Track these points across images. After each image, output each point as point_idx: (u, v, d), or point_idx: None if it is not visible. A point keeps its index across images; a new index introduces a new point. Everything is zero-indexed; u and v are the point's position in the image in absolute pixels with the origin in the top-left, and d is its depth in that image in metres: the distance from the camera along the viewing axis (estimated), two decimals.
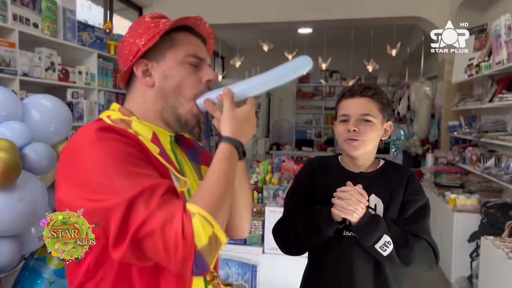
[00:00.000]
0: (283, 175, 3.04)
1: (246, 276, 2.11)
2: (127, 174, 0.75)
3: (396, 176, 1.27)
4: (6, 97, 1.69)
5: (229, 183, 0.81)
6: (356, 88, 1.26)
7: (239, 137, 0.87)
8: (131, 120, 0.91)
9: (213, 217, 0.73)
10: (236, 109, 0.89)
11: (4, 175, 1.45)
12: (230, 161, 0.83)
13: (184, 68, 0.93)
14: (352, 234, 1.24)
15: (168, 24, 0.93)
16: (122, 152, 0.79)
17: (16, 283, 1.76)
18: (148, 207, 0.72)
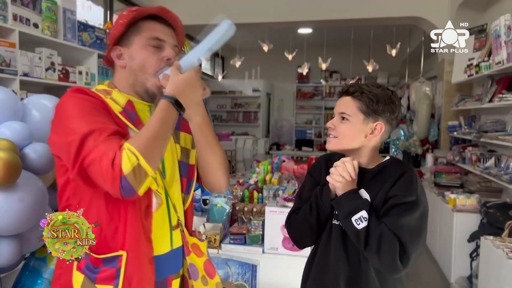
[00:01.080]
0: (283, 175, 3.04)
1: (246, 276, 2.11)
2: (86, 119, 1.00)
3: (391, 172, 1.26)
4: (6, 97, 1.69)
5: (161, 129, 1.01)
6: (344, 87, 1.32)
7: (177, 95, 1.05)
8: (112, 91, 1.16)
9: (140, 152, 0.94)
10: (178, 74, 1.07)
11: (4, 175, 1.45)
12: (165, 112, 1.03)
13: (147, 50, 1.14)
14: (339, 223, 1.28)
15: (135, 14, 1.13)
16: (86, 105, 1.03)
17: (16, 283, 1.76)
18: (95, 142, 0.95)
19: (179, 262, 1.19)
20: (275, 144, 8.81)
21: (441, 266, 3.97)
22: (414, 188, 1.23)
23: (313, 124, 9.64)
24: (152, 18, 1.16)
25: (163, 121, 1.01)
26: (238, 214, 2.41)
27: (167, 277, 1.16)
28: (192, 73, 1.08)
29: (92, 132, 0.96)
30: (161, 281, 1.13)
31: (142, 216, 1.07)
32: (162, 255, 1.14)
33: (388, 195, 1.23)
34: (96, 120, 1.00)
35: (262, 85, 8.99)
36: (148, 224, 1.09)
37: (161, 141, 1.01)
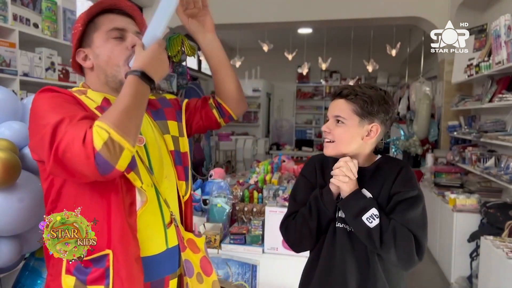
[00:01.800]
0: (283, 175, 3.04)
1: (246, 276, 2.11)
2: (55, 111, 0.96)
3: (389, 170, 1.28)
4: (6, 97, 1.69)
5: (132, 102, 0.96)
6: (337, 90, 1.30)
7: (144, 68, 1.01)
8: (87, 90, 1.14)
9: (110, 126, 0.91)
10: (142, 50, 1.04)
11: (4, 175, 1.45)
12: (133, 86, 0.98)
13: (109, 43, 1.12)
14: (344, 226, 1.26)
15: (90, 11, 1.12)
16: (55, 100, 1.01)
17: (16, 283, 1.76)
18: (66, 128, 0.92)
19: (175, 261, 1.17)
20: (275, 144, 8.81)
21: (441, 266, 3.97)
22: (414, 182, 1.26)
23: (313, 124, 9.64)
24: (107, 12, 1.14)
25: (132, 95, 0.97)
26: (238, 214, 2.41)
27: (164, 277, 1.14)
28: (156, 45, 1.05)
29: (62, 120, 0.94)
30: (157, 281, 1.12)
31: (126, 214, 1.05)
32: (157, 254, 1.12)
33: (391, 192, 1.24)
34: (65, 109, 0.98)
35: (262, 85, 8.99)
36: (132, 222, 1.06)
37: (133, 113, 0.96)
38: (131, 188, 1.07)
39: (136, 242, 1.07)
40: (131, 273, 1.04)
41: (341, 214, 1.28)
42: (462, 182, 4.25)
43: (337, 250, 1.27)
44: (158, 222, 1.13)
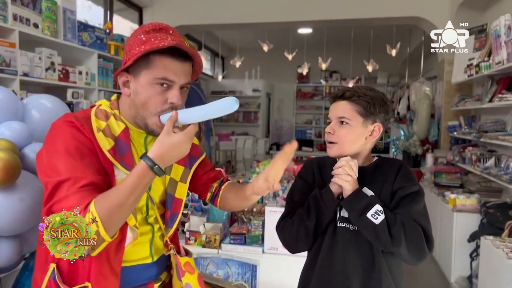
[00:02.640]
0: (283, 175, 3.04)
1: (246, 276, 2.11)
2: (67, 162, 0.99)
3: (388, 169, 1.30)
4: (6, 97, 1.69)
5: (131, 197, 0.97)
6: (338, 91, 1.31)
7: (159, 159, 0.99)
8: (112, 115, 1.13)
9: (101, 221, 0.93)
10: (170, 135, 1.01)
11: (4, 175, 1.45)
12: (141, 177, 0.98)
13: (153, 88, 1.07)
14: (346, 225, 1.27)
15: (146, 48, 1.05)
16: (72, 145, 1.02)
17: (16, 283, 1.76)
18: (67, 192, 0.96)
19: (160, 268, 1.24)
20: (275, 144, 8.80)
21: (441, 266, 3.97)
22: (414, 178, 1.29)
23: (313, 124, 9.64)
24: (166, 51, 1.06)
25: (135, 187, 0.97)
26: (238, 214, 2.41)
27: (147, 282, 1.20)
28: (183, 137, 1.01)
29: (67, 179, 0.97)
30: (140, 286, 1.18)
31: (112, 252, 1.07)
32: (140, 264, 1.18)
33: (394, 188, 1.26)
34: (76, 166, 0.99)
35: (262, 85, 8.99)
36: (117, 259, 1.09)
37: (126, 209, 0.98)
38: (124, 227, 1.08)
39: (116, 277, 1.09)
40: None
41: (343, 213, 1.29)
42: (462, 182, 4.25)
43: (339, 250, 1.27)
44: (146, 252, 1.18)
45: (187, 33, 6.21)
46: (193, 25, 5.76)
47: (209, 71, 9.37)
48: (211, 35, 7.85)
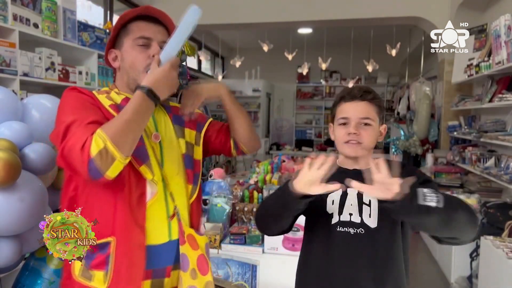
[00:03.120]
0: (283, 175, 3.04)
1: (246, 276, 2.11)
2: (72, 111, 1.10)
3: (389, 170, 1.23)
4: (6, 97, 1.69)
5: (134, 117, 1.04)
6: (356, 92, 1.29)
7: (152, 85, 1.08)
8: (111, 91, 1.26)
9: (108, 136, 0.99)
10: (156, 68, 1.11)
11: (4, 175, 1.45)
12: (138, 101, 1.06)
13: (135, 49, 1.21)
14: (346, 230, 1.24)
15: (121, 18, 1.22)
16: (75, 100, 1.14)
17: (16, 283, 1.76)
18: (75, 130, 1.04)
19: (177, 253, 1.23)
20: (275, 144, 8.80)
21: (441, 266, 3.97)
22: (420, 172, 1.31)
23: (313, 124, 9.64)
24: (140, 18, 1.22)
25: (136, 109, 1.05)
26: (238, 214, 2.41)
27: (165, 267, 1.21)
28: (168, 65, 1.11)
29: (74, 121, 1.05)
30: (159, 270, 1.19)
31: (134, 204, 1.13)
32: (160, 245, 1.19)
33: None
34: (80, 111, 1.09)
35: (262, 85, 8.99)
36: (141, 213, 1.15)
37: (133, 127, 1.04)
38: (142, 180, 1.15)
39: (142, 231, 1.14)
40: (132, 260, 1.13)
41: (343, 217, 1.25)
42: (462, 182, 4.25)
43: (340, 256, 1.23)
44: (163, 213, 1.20)
45: None
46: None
47: (209, 71, 9.37)
48: (211, 35, 7.84)
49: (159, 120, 1.28)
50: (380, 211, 1.24)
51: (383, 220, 1.24)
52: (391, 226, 1.24)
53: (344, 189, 1.19)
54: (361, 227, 1.24)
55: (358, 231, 1.24)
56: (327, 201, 1.29)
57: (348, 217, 1.26)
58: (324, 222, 1.28)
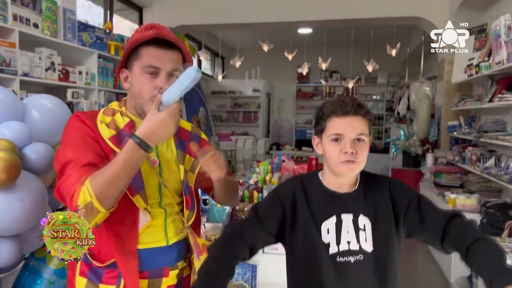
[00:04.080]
0: (283, 175, 3.04)
1: (246, 276, 2.11)
2: (71, 148, 1.15)
3: (377, 189, 1.25)
4: (6, 97, 1.69)
5: (122, 170, 1.07)
6: (350, 106, 1.18)
7: (145, 136, 1.09)
8: (118, 111, 1.26)
9: (94, 192, 1.04)
10: (155, 114, 1.10)
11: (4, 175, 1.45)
12: (130, 153, 1.08)
13: (143, 77, 1.20)
14: (346, 259, 1.19)
15: (132, 41, 1.21)
16: (76, 133, 1.18)
17: (16, 283, 1.76)
18: (71, 171, 1.10)
19: (174, 255, 1.27)
20: (275, 144, 8.80)
21: (441, 266, 3.97)
22: (407, 186, 1.29)
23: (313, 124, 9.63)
24: (152, 41, 1.20)
25: (126, 162, 1.07)
26: (238, 214, 2.41)
27: (163, 267, 1.25)
28: (165, 113, 1.10)
29: (70, 161, 1.12)
30: (156, 271, 1.24)
31: (124, 233, 1.19)
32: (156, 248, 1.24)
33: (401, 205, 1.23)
34: (79, 148, 1.15)
35: (262, 85, 8.99)
36: (131, 240, 1.19)
37: (119, 181, 1.07)
38: (135, 209, 1.19)
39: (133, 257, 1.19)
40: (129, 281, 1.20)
41: (342, 247, 1.19)
42: (462, 182, 4.25)
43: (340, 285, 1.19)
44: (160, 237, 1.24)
45: (187, 33, 6.21)
46: (193, 25, 5.76)
47: (209, 71, 9.37)
48: (211, 35, 7.85)
49: (161, 144, 1.27)
50: (373, 234, 1.20)
51: (378, 242, 1.20)
52: (386, 245, 1.21)
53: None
54: (360, 254, 1.19)
55: (357, 258, 1.19)
56: (322, 230, 1.20)
57: (346, 245, 1.19)
58: (320, 254, 1.19)
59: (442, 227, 1.19)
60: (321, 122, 1.23)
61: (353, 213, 1.22)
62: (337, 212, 1.21)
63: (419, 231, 1.24)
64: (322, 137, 1.24)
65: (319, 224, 1.21)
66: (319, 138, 1.26)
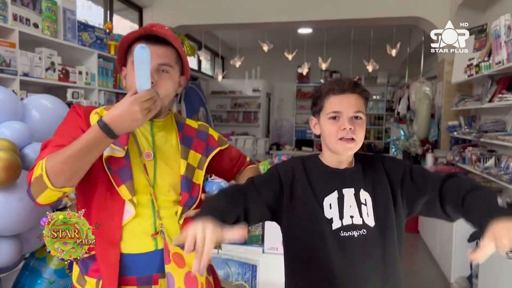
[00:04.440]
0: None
1: (246, 276, 2.11)
2: (59, 132, 1.19)
3: (373, 167, 1.27)
4: (6, 97, 1.69)
5: (82, 150, 1.06)
6: (346, 85, 1.20)
7: (110, 120, 1.07)
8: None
9: (46, 167, 1.06)
10: (122, 103, 1.09)
11: (4, 175, 1.45)
12: (92, 134, 1.07)
13: (133, 71, 1.16)
14: (350, 234, 1.18)
15: (123, 39, 1.23)
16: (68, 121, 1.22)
17: (16, 283, 1.76)
18: (45, 151, 1.14)
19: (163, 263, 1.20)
20: (275, 144, 8.80)
21: (441, 266, 3.97)
22: (397, 159, 1.34)
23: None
24: (144, 38, 1.21)
25: (85, 143, 1.06)
26: None
27: (151, 274, 1.19)
28: (129, 100, 1.08)
29: (48, 143, 1.17)
30: (144, 277, 1.18)
31: (107, 222, 1.16)
32: (142, 253, 1.19)
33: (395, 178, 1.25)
34: (62, 132, 1.18)
35: (262, 85, 8.99)
36: (115, 231, 1.16)
37: (74, 161, 1.06)
38: (120, 200, 1.17)
39: (114, 247, 1.16)
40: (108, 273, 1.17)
41: (345, 221, 1.19)
42: None
43: (343, 259, 1.18)
44: (147, 229, 1.19)
45: (187, 33, 6.20)
46: (193, 25, 5.76)
47: (209, 71, 9.37)
48: (211, 35, 7.85)
49: (159, 137, 1.27)
50: (374, 208, 1.22)
51: (379, 217, 1.21)
52: (386, 221, 1.22)
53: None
54: (364, 228, 1.19)
55: (361, 233, 1.19)
56: (324, 206, 1.21)
57: (350, 220, 1.19)
58: (323, 229, 1.19)
59: (438, 189, 1.19)
60: (319, 102, 1.25)
61: (354, 188, 1.23)
62: (338, 187, 1.23)
63: (418, 202, 1.24)
64: (320, 116, 1.26)
65: (321, 200, 1.21)
66: (316, 118, 1.28)
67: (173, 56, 1.23)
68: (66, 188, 1.09)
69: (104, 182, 1.17)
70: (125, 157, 1.18)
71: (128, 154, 1.19)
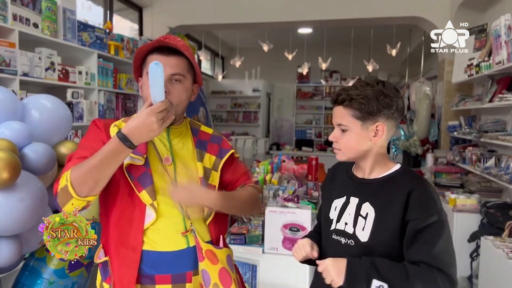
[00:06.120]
0: (283, 175, 3.04)
1: (246, 276, 2.11)
2: (82, 146, 1.26)
3: (397, 187, 1.19)
4: (6, 97, 1.69)
5: (103, 161, 1.13)
6: (333, 96, 1.26)
7: (127, 132, 1.13)
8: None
9: (71, 178, 1.13)
10: (139, 114, 1.15)
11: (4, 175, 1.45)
12: (111, 146, 1.13)
13: (148, 82, 1.20)
14: (338, 238, 1.25)
15: (137, 51, 1.30)
16: (89, 135, 1.29)
17: (16, 283, 1.76)
18: (69, 164, 1.20)
19: (196, 260, 1.27)
20: (275, 144, 8.80)
21: None
22: (432, 205, 1.14)
23: (313, 124, 9.63)
24: (157, 50, 1.27)
25: (105, 154, 1.13)
26: None
27: (185, 272, 1.25)
28: (145, 112, 1.13)
29: (72, 156, 1.23)
30: (178, 275, 1.24)
31: (127, 227, 1.23)
32: (175, 251, 1.24)
33: (405, 219, 1.13)
34: (85, 145, 1.25)
35: (262, 85, 8.98)
36: (136, 235, 1.22)
37: (97, 171, 1.13)
38: (142, 205, 1.23)
39: (134, 252, 1.22)
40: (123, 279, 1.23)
41: (339, 226, 1.25)
42: (462, 182, 4.25)
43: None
44: (178, 228, 1.26)
45: (187, 33, 6.20)
46: (193, 25, 5.76)
47: (209, 71, 9.37)
48: (211, 35, 7.84)
49: (176, 143, 1.34)
50: (375, 226, 1.18)
51: (376, 236, 1.17)
52: (386, 243, 1.17)
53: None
54: (352, 239, 1.21)
55: (348, 242, 1.22)
56: (332, 206, 1.31)
57: (343, 226, 1.24)
58: (326, 227, 1.31)
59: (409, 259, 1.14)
60: None
61: (359, 198, 1.24)
62: (347, 194, 1.28)
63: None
64: None
65: (332, 201, 1.31)
66: None
67: (185, 66, 1.28)
68: (90, 197, 1.15)
69: (126, 189, 1.23)
70: (145, 164, 1.24)
71: (147, 161, 1.25)
